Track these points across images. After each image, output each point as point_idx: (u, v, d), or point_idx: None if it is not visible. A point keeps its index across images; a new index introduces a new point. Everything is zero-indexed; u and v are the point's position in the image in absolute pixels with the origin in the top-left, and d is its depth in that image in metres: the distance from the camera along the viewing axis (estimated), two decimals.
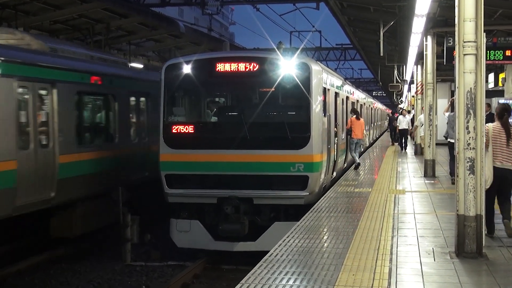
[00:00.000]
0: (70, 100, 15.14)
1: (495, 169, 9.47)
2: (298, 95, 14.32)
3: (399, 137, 32.54)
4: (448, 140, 16.72)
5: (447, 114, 19.19)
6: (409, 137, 33.33)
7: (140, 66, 24.05)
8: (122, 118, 17.70)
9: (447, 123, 17.88)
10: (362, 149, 21.60)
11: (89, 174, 15.68)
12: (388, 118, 47.23)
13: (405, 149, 31.18)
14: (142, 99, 19.00)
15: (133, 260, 15.00)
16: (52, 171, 14.09)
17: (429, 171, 18.76)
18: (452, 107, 17.75)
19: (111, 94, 17.19)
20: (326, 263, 8.03)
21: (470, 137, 8.17)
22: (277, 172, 13.89)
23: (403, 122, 31.66)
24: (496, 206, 9.81)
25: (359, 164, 21.01)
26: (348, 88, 22.43)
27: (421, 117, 23.99)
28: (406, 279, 7.34)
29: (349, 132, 20.10)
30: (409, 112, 36.59)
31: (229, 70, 14.27)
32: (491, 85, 30.72)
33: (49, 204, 14.17)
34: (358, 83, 63.51)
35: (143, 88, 18.86)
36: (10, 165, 12.77)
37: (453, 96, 9.02)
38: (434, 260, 8.27)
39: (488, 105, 19.72)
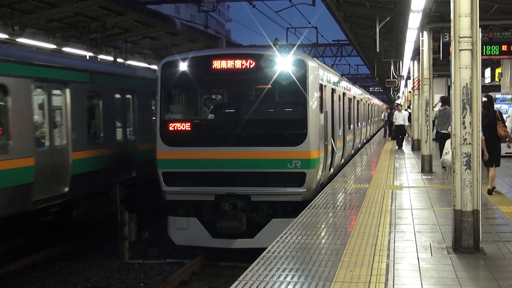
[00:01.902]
0: None
1: None
2: (294, 92, 14.33)
3: (395, 133, 31.15)
4: (439, 131, 18.66)
5: (436, 108, 19.99)
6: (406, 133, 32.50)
7: None
8: None
9: (438, 116, 19.71)
10: None
11: None
12: (387, 113, 46.89)
13: (399, 146, 29.70)
14: None
15: (131, 257, 15.01)
16: None
17: (426, 166, 18.78)
18: (442, 102, 19.79)
19: None
20: (324, 259, 8.05)
21: (466, 132, 8.18)
22: (274, 169, 13.89)
23: (399, 118, 30.25)
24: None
25: None
26: (344, 84, 22.43)
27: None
28: (404, 275, 7.36)
29: None
30: (407, 108, 35.95)
31: (226, 67, 14.27)
32: (487, 80, 30.74)
33: None
34: (354, 79, 63.59)
35: None
36: None
37: (450, 91, 9.09)
38: (432, 256, 8.28)
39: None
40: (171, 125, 14.44)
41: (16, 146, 13.07)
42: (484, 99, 14.02)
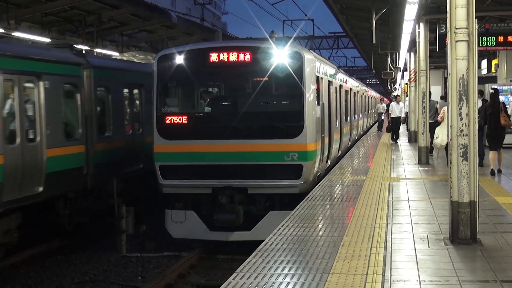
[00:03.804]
0: None
1: None
2: (291, 84, 14.32)
3: (391, 126, 29.30)
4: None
5: None
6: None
7: None
8: None
9: None
10: None
11: None
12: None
13: (395, 140, 28.02)
14: None
15: (128, 251, 15.02)
16: None
17: (423, 158, 18.79)
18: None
19: None
20: (321, 251, 8.05)
21: (463, 124, 8.17)
22: (271, 162, 13.90)
23: (396, 110, 28.90)
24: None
25: None
26: (341, 76, 22.43)
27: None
28: (401, 266, 7.36)
29: None
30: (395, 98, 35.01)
31: (222, 60, 14.25)
32: (484, 71, 30.74)
33: None
34: (351, 71, 63.53)
35: None
36: None
37: (446, 83, 9.19)
38: (429, 247, 8.29)
39: (481, 92, 19.98)
40: (168, 118, 14.43)
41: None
42: (491, 90, 16.53)
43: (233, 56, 14.22)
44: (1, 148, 12.46)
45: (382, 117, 40.63)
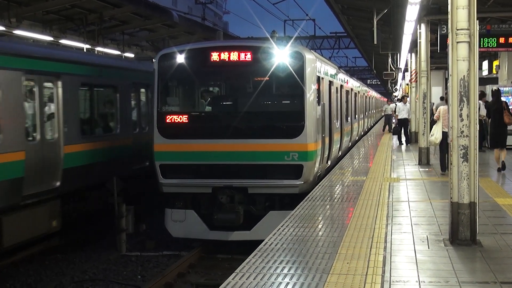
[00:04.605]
0: None
1: (443, 132, 15.19)
2: (292, 84, 14.32)
3: (398, 128, 28.82)
4: None
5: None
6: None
7: None
8: None
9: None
10: None
11: None
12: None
13: (406, 142, 27.16)
14: None
15: (128, 250, 15.02)
16: None
17: (423, 159, 18.79)
18: None
19: None
20: (321, 251, 8.05)
21: (463, 125, 8.17)
22: (271, 161, 13.90)
23: (403, 111, 28.18)
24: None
25: None
26: (342, 76, 22.42)
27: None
28: (400, 267, 7.36)
29: None
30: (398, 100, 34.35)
31: (223, 59, 14.25)
32: (485, 72, 30.73)
33: None
34: (352, 72, 63.51)
35: None
36: None
37: (447, 84, 9.23)
38: (428, 248, 8.29)
39: (483, 94, 19.97)
40: (168, 118, 14.44)
41: None
42: (495, 88, 18.15)
43: (234, 56, 14.22)
44: (131, 134, 18.41)
45: (394, 121, 40.04)
